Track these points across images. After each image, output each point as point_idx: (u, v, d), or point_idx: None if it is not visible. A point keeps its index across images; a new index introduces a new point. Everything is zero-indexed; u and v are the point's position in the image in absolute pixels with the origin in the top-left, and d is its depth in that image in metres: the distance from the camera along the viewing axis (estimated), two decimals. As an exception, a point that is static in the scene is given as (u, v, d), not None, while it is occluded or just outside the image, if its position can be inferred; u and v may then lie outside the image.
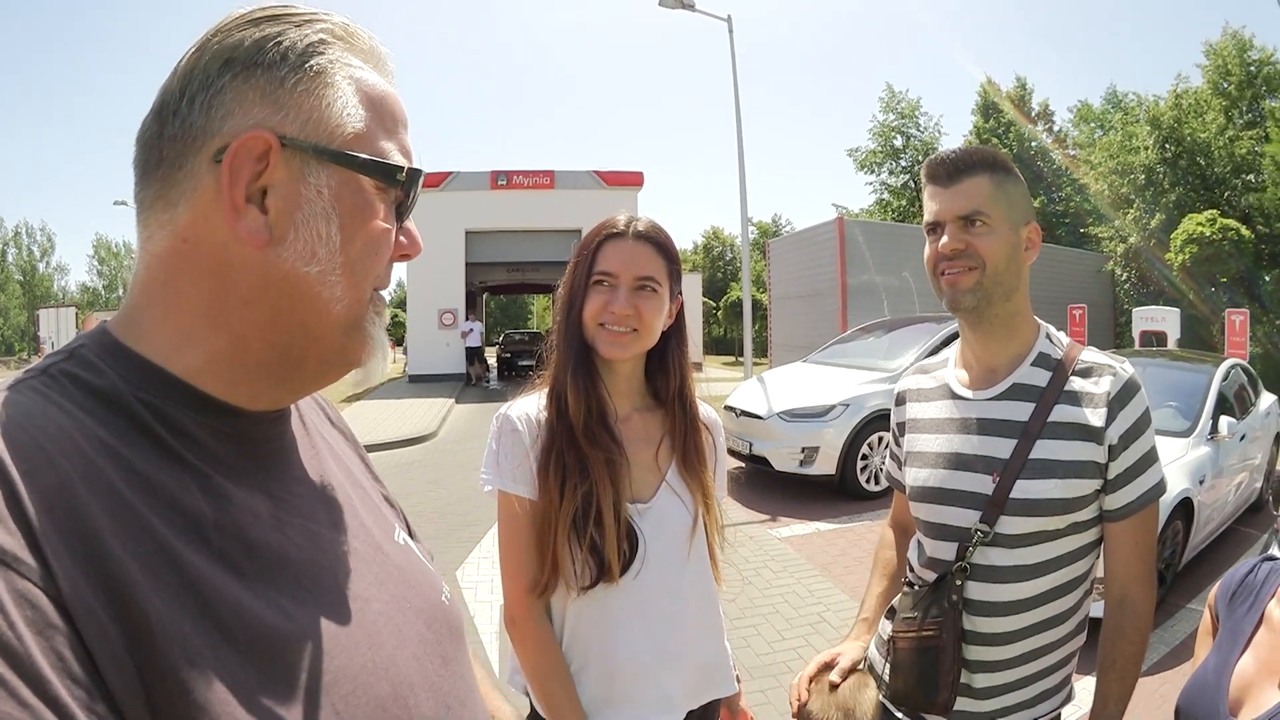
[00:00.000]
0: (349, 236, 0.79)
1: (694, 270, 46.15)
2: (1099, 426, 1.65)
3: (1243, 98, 25.89)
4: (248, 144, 0.73)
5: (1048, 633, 1.71)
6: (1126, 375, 1.69)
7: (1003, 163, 1.72)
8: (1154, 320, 15.42)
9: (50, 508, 0.60)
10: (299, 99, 0.76)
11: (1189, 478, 5.66)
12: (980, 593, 1.70)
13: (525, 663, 1.68)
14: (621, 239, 1.72)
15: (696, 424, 1.83)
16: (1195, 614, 5.45)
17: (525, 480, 1.68)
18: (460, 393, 21.00)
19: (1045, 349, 1.76)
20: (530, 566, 1.66)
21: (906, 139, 38.97)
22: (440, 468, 11.11)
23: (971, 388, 1.81)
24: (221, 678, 0.64)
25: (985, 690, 1.73)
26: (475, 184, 24.59)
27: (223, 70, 0.74)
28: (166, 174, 0.75)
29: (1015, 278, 1.71)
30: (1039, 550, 1.68)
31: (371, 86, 0.82)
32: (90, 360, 0.73)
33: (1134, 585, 1.69)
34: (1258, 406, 7.92)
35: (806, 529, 7.72)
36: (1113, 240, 26.86)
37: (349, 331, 0.82)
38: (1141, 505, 1.67)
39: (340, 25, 0.81)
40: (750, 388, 10.22)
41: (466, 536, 7.24)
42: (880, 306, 18.40)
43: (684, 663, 1.75)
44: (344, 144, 0.78)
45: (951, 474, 1.76)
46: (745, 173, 16.41)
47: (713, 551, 1.84)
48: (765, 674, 4.60)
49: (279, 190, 0.75)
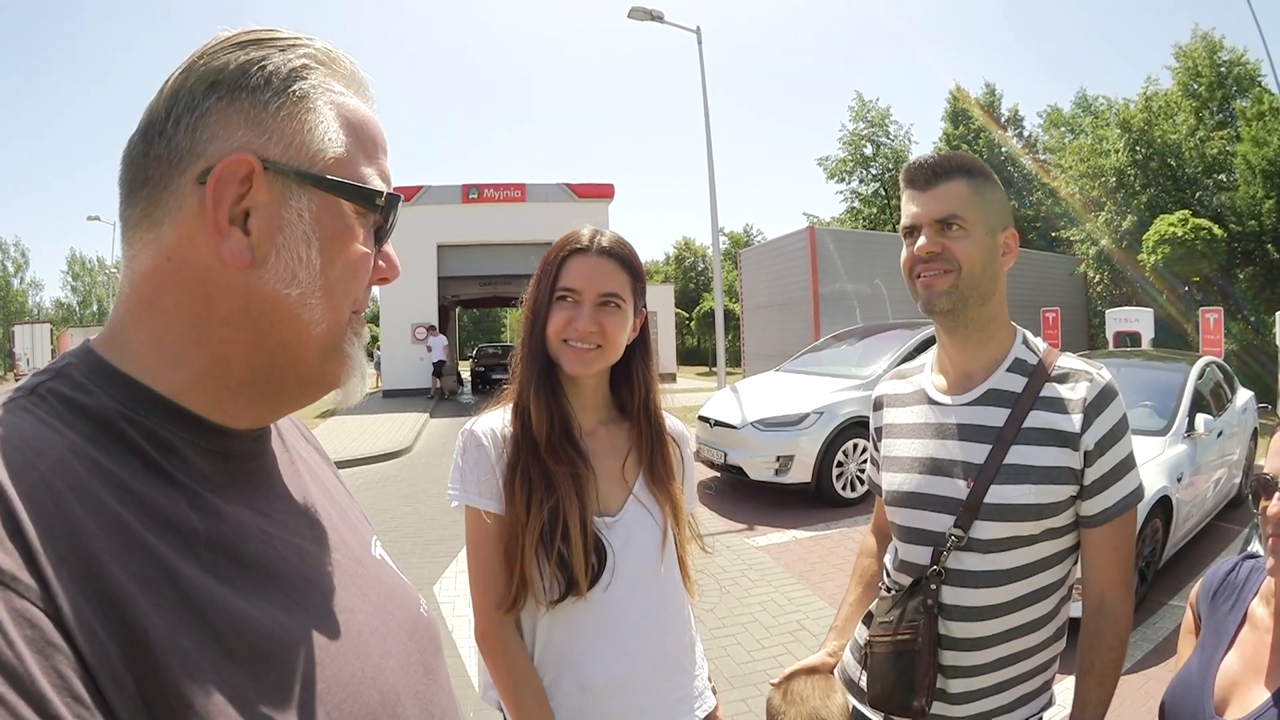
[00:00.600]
0: (329, 259, 0.80)
1: (666, 281, 46.23)
2: (1074, 432, 1.65)
3: (1213, 98, 26.18)
4: (232, 166, 0.73)
5: (1024, 638, 1.71)
6: (1103, 381, 1.69)
7: (981, 168, 1.74)
8: (1128, 321, 15.58)
9: (47, 527, 0.60)
10: (282, 123, 0.77)
11: (1167, 476, 5.72)
12: (955, 597, 1.70)
13: (497, 678, 1.67)
14: (585, 254, 1.72)
15: (663, 436, 1.83)
16: (1177, 610, 5.52)
17: (492, 495, 1.67)
18: (434, 407, 20.90)
19: (1021, 354, 1.76)
20: (498, 581, 1.66)
21: (876, 147, 39.28)
22: (416, 482, 11.04)
23: (947, 393, 1.81)
24: (221, 690, 0.64)
25: (961, 695, 1.73)
26: (447, 198, 24.59)
27: (208, 93, 0.75)
28: (151, 193, 0.76)
29: (992, 282, 1.72)
30: (1013, 555, 1.68)
31: (353, 111, 0.83)
32: (78, 379, 0.73)
33: (1112, 591, 1.69)
34: (1234, 403, 8.02)
35: (783, 537, 7.73)
36: (1085, 243, 27.13)
37: (327, 353, 0.83)
38: (1119, 511, 1.67)
39: (323, 50, 0.83)
40: (724, 398, 10.26)
41: (443, 551, 7.19)
42: (853, 314, 18.49)
43: (655, 676, 1.74)
44: (325, 168, 0.79)
45: (926, 479, 1.76)
46: (715, 183, 16.54)
47: (684, 563, 1.84)
48: (745, 682, 4.60)
49: (261, 213, 0.76)
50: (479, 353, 32.69)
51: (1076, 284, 26.19)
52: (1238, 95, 25.70)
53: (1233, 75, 26.01)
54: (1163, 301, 20.93)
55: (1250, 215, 22.54)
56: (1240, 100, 25.16)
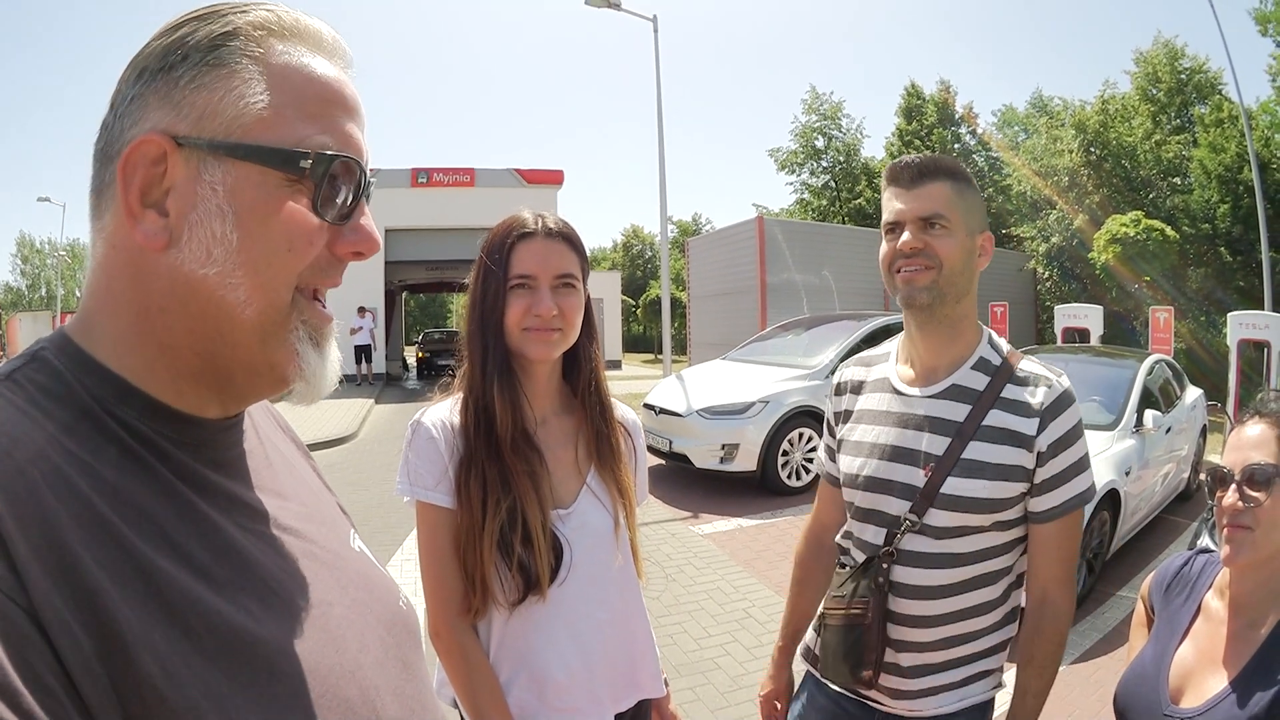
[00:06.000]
0: (248, 233, 0.75)
1: (613, 269, 46.15)
2: (1030, 435, 1.74)
3: (1172, 104, 26.69)
4: (140, 148, 0.73)
5: (972, 620, 1.79)
6: (1061, 388, 1.78)
7: (963, 173, 1.82)
8: (1076, 318, 15.84)
9: (21, 518, 0.60)
10: (192, 95, 0.74)
11: (1115, 469, 5.85)
12: (906, 576, 1.78)
13: (452, 675, 1.65)
14: (533, 238, 1.70)
15: (609, 415, 1.83)
16: (1126, 601, 5.68)
17: (445, 489, 1.65)
18: (380, 393, 20.65)
19: (986, 354, 1.84)
20: (453, 578, 1.63)
21: (828, 140, 39.36)
22: (361, 469, 10.89)
23: (912, 384, 1.87)
24: (194, 685, 0.64)
25: (913, 669, 1.81)
26: (396, 181, 24.14)
27: (135, 81, 0.76)
28: (98, 185, 0.77)
29: (968, 281, 1.80)
30: (963, 542, 1.76)
31: (296, 70, 0.78)
32: (53, 365, 0.73)
33: (1054, 587, 1.78)
34: (1183, 400, 8.22)
35: (729, 525, 7.79)
36: (1035, 240, 27.60)
37: (267, 339, 0.78)
38: (1064, 510, 1.76)
39: (269, 14, 0.78)
40: (669, 385, 10.27)
41: (389, 540, 7.11)
42: (800, 305, 18.65)
43: (612, 666, 1.74)
44: (244, 134, 0.74)
45: (887, 464, 1.83)
46: (665, 171, 16.54)
47: (635, 548, 1.84)
48: (693, 670, 4.62)
49: (178, 191, 0.74)
50: (425, 338, 32.39)
51: (1025, 280, 26.64)
52: (1197, 102, 26.28)
53: (1193, 82, 26.59)
54: (1114, 298, 21.32)
55: (1204, 219, 23.05)
56: (1199, 107, 25.73)
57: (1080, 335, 15.53)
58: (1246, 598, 1.56)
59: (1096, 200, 25.50)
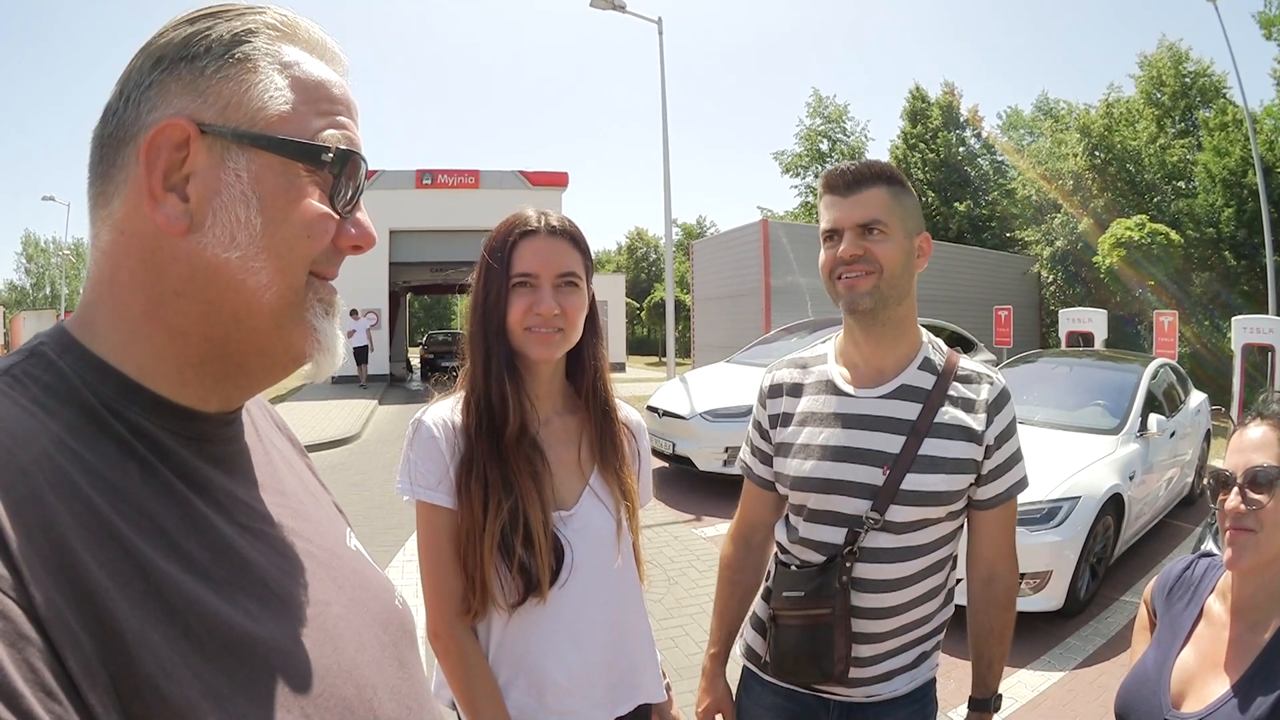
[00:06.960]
0: (271, 219, 0.78)
1: (618, 271, 46.12)
2: (979, 430, 1.84)
3: (1176, 108, 26.73)
4: (165, 132, 0.74)
5: (924, 605, 1.89)
6: (1001, 385, 1.90)
7: (898, 176, 1.86)
8: (1081, 321, 15.81)
9: (22, 516, 0.59)
10: (219, 85, 0.76)
11: (1119, 474, 5.81)
12: (868, 572, 1.83)
13: (451, 677, 1.64)
14: (535, 236, 1.69)
15: (612, 416, 1.82)
16: (1129, 606, 5.65)
17: (445, 489, 1.64)
18: (384, 394, 20.67)
19: (930, 354, 1.91)
20: (452, 578, 1.62)
21: (833, 143, 39.40)
22: (364, 470, 10.91)
23: (858, 385, 1.90)
24: (194, 685, 0.64)
25: (871, 659, 1.87)
26: (400, 182, 24.20)
27: (153, 68, 0.76)
28: (106, 171, 0.77)
29: (908, 283, 1.84)
30: (921, 534, 1.84)
31: (306, 72, 0.82)
32: (52, 361, 0.73)
33: (1001, 562, 1.94)
34: (1187, 404, 8.19)
35: (732, 528, 7.72)
36: (1039, 244, 27.56)
37: (284, 321, 0.81)
38: (1008, 496, 1.90)
39: (279, 17, 0.82)
40: (673, 388, 10.29)
41: (391, 540, 7.12)
42: (804, 307, 18.60)
43: (612, 669, 1.73)
44: (267, 126, 0.78)
45: (841, 465, 1.85)
46: (670, 174, 16.50)
47: (637, 552, 1.83)
48: (694, 674, 4.54)
49: (200, 176, 0.75)
50: (429, 340, 32.40)
51: (1030, 283, 26.63)
52: (1201, 106, 26.28)
53: (1197, 86, 26.60)
54: (1118, 301, 21.27)
55: (1209, 223, 23.04)
56: (1204, 111, 25.69)
57: (1085, 339, 15.51)
58: (1248, 601, 1.56)
59: (1101, 204, 25.50)
